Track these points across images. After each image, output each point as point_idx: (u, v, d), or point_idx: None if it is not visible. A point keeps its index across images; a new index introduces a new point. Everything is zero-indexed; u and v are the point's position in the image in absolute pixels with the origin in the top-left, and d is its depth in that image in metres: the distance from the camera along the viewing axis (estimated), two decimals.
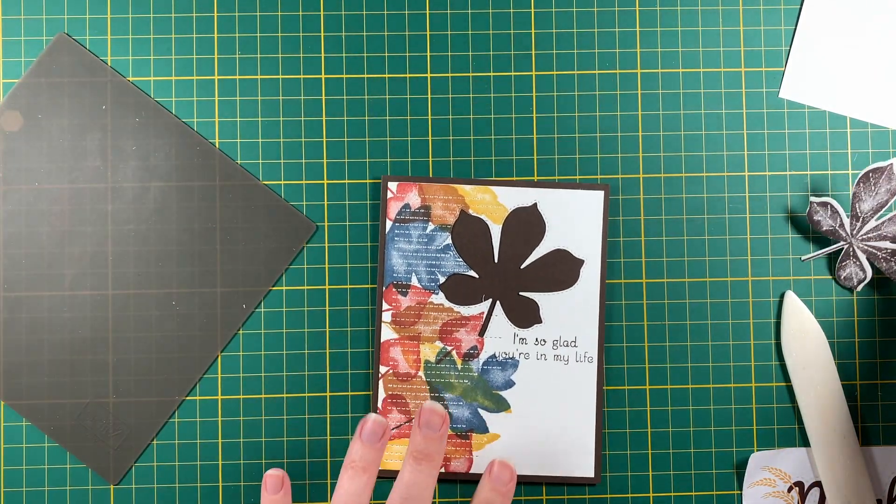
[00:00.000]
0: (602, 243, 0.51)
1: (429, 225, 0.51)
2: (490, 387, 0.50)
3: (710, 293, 0.52)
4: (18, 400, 0.50)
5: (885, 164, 0.47)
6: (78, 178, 0.51)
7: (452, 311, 0.50)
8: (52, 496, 0.50)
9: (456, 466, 0.50)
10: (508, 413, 0.50)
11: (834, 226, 0.49)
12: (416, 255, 0.50)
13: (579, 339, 0.50)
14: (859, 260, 0.49)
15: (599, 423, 0.50)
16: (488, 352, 0.50)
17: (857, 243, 0.49)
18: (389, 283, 0.50)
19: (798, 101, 0.52)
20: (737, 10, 0.52)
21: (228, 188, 0.51)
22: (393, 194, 0.51)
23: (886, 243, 0.49)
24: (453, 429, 0.50)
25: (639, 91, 0.52)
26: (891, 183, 0.48)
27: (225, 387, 0.51)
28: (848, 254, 0.50)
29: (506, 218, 0.51)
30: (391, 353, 0.50)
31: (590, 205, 0.51)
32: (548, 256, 0.51)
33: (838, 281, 0.50)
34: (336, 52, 0.52)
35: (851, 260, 0.50)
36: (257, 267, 0.51)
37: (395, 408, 0.50)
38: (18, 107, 0.51)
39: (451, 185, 0.51)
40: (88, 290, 0.51)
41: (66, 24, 0.52)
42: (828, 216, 0.49)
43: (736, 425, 0.51)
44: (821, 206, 0.49)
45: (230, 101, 0.52)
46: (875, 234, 0.49)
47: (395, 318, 0.50)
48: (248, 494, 0.51)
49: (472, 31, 0.52)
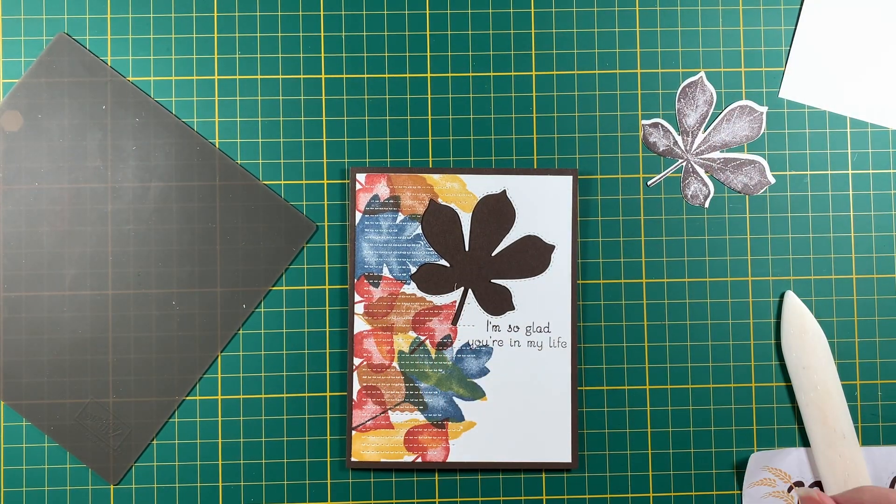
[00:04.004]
0: (572, 228, 0.51)
1: (398, 215, 0.51)
2: (465, 375, 0.50)
3: (710, 293, 0.52)
4: (18, 400, 0.50)
5: (695, 77, 0.50)
6: (78, 178, 0.51)
7: (425, 301, 0.51)
8: (52, 496, 0.50)
9: (433, 456, 0.50)
10: (484, 401, 0.50)
11: (669, 144, 0.51)
12: (387, 246, 0.51)
13: (552, 325, 0.51)
14: (699, 175, 0.50)
15: (575, 408, 0.50)
16: (462, 340, 0.51)
17: (693, 158, 0.51)
18: (361, 275, 0.50)
19: (798, 101, 0.52)
20: (737, 10, 0.52)
21: (228, 188, 0.51)
22: (361, 185, 0.51)
23: (717, 153, 0.50)
24: (429, 418, 0.50)
25: (639, 91, 0.52)
26: (706, 94, 0.50)
27: (225, 387, 0.51)
28: (688, 171, 0.51)
29: (475, 206, 0.51)
30: (365, 345, 0.50)
31: (559, 190, 0.51)
32: (518, 243, 0.51)
33: (688, 200, 0.51)
34: (336, 52, 0.52)
35: (693, 177, 0.51)
36: (257, 267, 0.51)
37: (370, 399, 0.50)
38: (18, 107, 0.51)
39: (420, 175, 0.51)
40: (88, 290, 0.51)
41: (66, 24, 0.52)
42: (661, 136, 0.51)
43: (736, 425, 0.51)
44: (653, 128, 0.50)
45: (230, 101, 0.52)
46: (706, 146, 0.51)
47: (367, 309, 0.50)
48: (248, 494, 0.51)
49: (472, 31, 0.52)
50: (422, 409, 0.50)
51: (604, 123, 0.52)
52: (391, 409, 0.50)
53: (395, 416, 0.50)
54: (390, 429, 0.50)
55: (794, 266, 0.52)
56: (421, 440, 0.50)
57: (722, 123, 0.52)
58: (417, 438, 0.50)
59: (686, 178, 0.51)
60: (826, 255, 0.52)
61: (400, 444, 0.50)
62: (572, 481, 0.51)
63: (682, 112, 0.50)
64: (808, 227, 0.52)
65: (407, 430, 0.50)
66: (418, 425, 0.50)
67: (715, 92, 0.52)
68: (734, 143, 0.52)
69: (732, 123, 0.52)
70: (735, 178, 0.51)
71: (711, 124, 0.52)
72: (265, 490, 0.51)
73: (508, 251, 0.51)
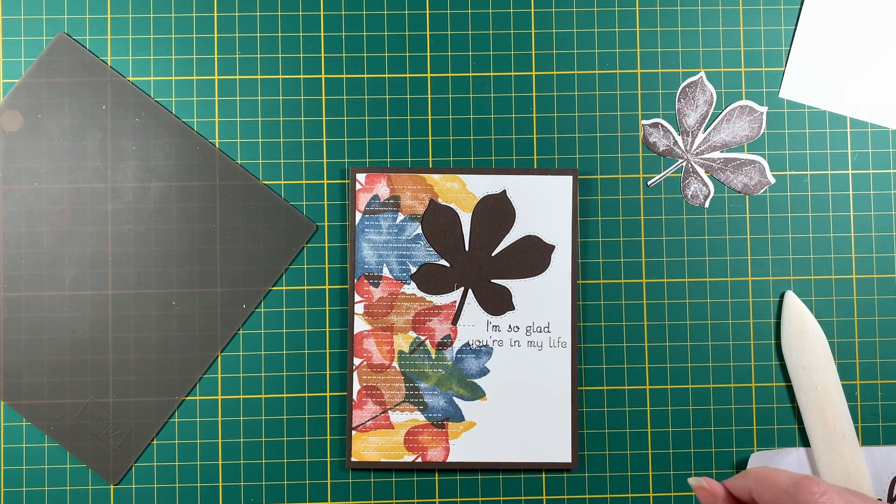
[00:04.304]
0: (573, 228, 0.51)
1: (398, 215, 0.51)
2: (465, 375, 0.50)
3: (710, 293, 0.52)
4: (18, 400, 0.50)
5: (696, 77, 0.50)
6: (78, 178, 0.51)
7: (425, 301, 0.51)
8: (52, 496, 0.50)
9: (433, 456, 0.50)
10: (484, 401, 0.50)
11: (669, 144, 0.51)
12: (387, 246, 0.51)
13: (552, 325, 0.51)
14: (699, 175, 0.50)
15: (575, 408, 0.50)
16: (462, 340, 0.51)
17: (694, 158, 0.51)
18: (361, 275, 0.50)
19: (798, 101, 0.52)
20: (737, 10, 0.52)
21: (228, 188, 0.51)
22: (361, 185, 0.51)
23: (717, 153, 0.50)
24: (429, 418, 0.50)
25: (639, 91, 0.52)
26: (706, 94, 0.50)
27: (225, 387, 0.51)
28: (689, 171, 0.51)
29: (475, 206, 0.51)
30: (365, 345, 0.50)
31: (559, 190, 0.51)
32: (518, 243, 0.51)
33: (688, 200, 0.51)
34: (336, 52, 0.52)
35: (693, 177, 0.51)
36: (257, 267, 0.51)
37: (370, 399, 0.50)
38: (18, 107, 0.51)
39: (420, 175, 0.51)
40: (88, 290, 0.51)
41: (66, 24, 0.52)
42: (661, 136, 0.51)
43: (736, 425, 0.51)
44: (653, 128, 0.50)
45: (230, 101, 0.52)
46: (706, 146, 0.51)
47: (367, 309, 0.50)
48: (248, 494, 0.51)
49: (472, 31, 0.52)
50: (422, 409, 0.50)
51: (604, 123, 0.52)
52: (391, 409, 0.50)
53: (395, 416, 0.50)
54: (390, 429, 0.50)
55: (794, 266, 0.52)
56: (421, 440, 0.50)
57: (722, 123, 0.52)
58: (417, 438, 0.50)
59: (686, 178, 0.51)
60: (826, 255, 0.52)
61: (400, 444, 0.50)
62: (572, 481, 0.51)
63: (682, 112, 0.51)
64: (808, 227, 0.52)
65: (407, 430, 0.50)
66: (418, 425, 0.50)
67: (715, 92, 0.52)
68: (734, 143, 0.52)
69: (732, 123, 0.52)
70: (735, 178, 0.51)
71: (711, 124, 0.52)
72: (265, 490, 0.51)
73: (508, 251, 0.51)
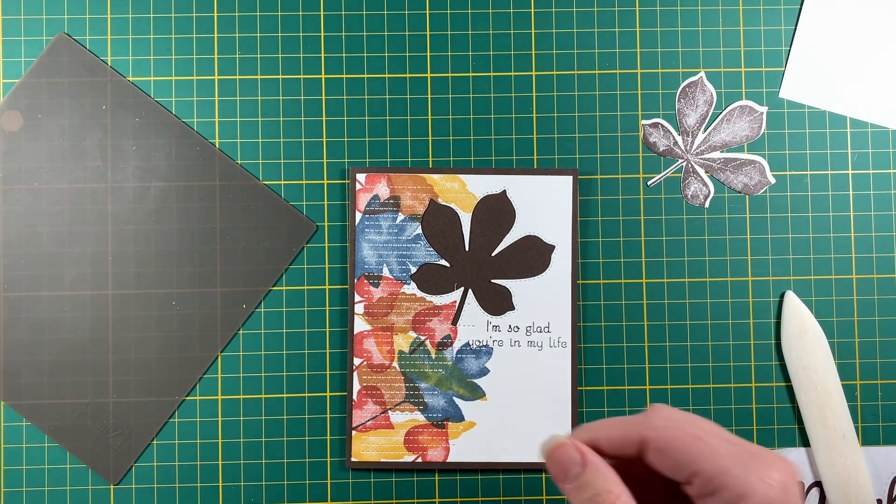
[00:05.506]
0: (573, 228, 0.51)
1: (398, 215, 0.51)
2: (465, 375, 0.50)
3: (710, 293, 0.52)
4: (18, 400, 0.50)
5: (696, 77, 0.50)
6: (78, 178, 0.51)
7: (425, 301, 0.51)
8: (52, 496, 0.50)
9: (433, 456, 0.50)
10: (484, 401, 0.50)
11: (669, 144, 0.51)
12: (387, 246, 0.51)
13: (552, 325, 0.51)
14: (699, 175, 0.51)
15: (575, 408, 0.50)
16: (462, 340, 0.51)
17: (694, 158, 0.51)
18: (361, 275, 0.50)
19: (798, 101, 0.52)
20: (737, 10, 0.52)
21: (228, 188, 0.51)
22: (362, 185, 0.51)
23: (717, 153, 0.50)
24: (429, 418, 0.50)
25: (639, 91, 0.52)
26: (706, 94, 0.50)
27: (225, 387, 0.51)
28: (689, 171, 0.51)
29: (475, 206, 0.51)
30: (365, 345, 0.50)
31: (559, 190, 0.51)
32: (519, 243, 0.51)
33: (688, 200, 0.51)
34: (336, 52, 0.52)
35: (693, 177, 0.51)
36: (257, 267, 0.51)
37: (371, 399, 0.50)
38: (18, 107, 0.51)
39: (420, 175, 0.51)
40: (88, 290, 0.51)
41: (66, 24, 0.52)
42: (661, 136, 0.51)
43: (736, 425, 0.51)
44: (653, 128, 0.50)
45: (230, 101, 0.52)
46: (706, 146, 0.51)
47: (367, 309, 0.50)
48: (248, 494, 0.51)
49: (472, 31, 0.52)
50: (422, 409, 0.50)
51: (604, 123, 0.52)
52: (391, 409, 0.50)
53: (395, 416, 0.50)
54: (390, 429, 0.50)
55: (794, 266, 0.52)
56: (421, 440, 0.50)
57: (722, 123, 0.52)
58: (417, 438, 0.50)
59: (686, 178, 0.51)
60: (826, 255, 0.52)
61: (400, 444, 0.50)
62: None
63: (682, 112, 0.51)
64: (808, 227, 0.52)
65: (407, 430, 0.50)
66: (418, 425, 0.50)
67: (715, 92, 0.52)
68: (734, 143, 0.52)
69: (732, 123, 0.52)
70: (735, 178, 0.51)
71: (711, 124, 0.52)
72: (265, 490, 0.51)
73: (508, 251, 0.51)
